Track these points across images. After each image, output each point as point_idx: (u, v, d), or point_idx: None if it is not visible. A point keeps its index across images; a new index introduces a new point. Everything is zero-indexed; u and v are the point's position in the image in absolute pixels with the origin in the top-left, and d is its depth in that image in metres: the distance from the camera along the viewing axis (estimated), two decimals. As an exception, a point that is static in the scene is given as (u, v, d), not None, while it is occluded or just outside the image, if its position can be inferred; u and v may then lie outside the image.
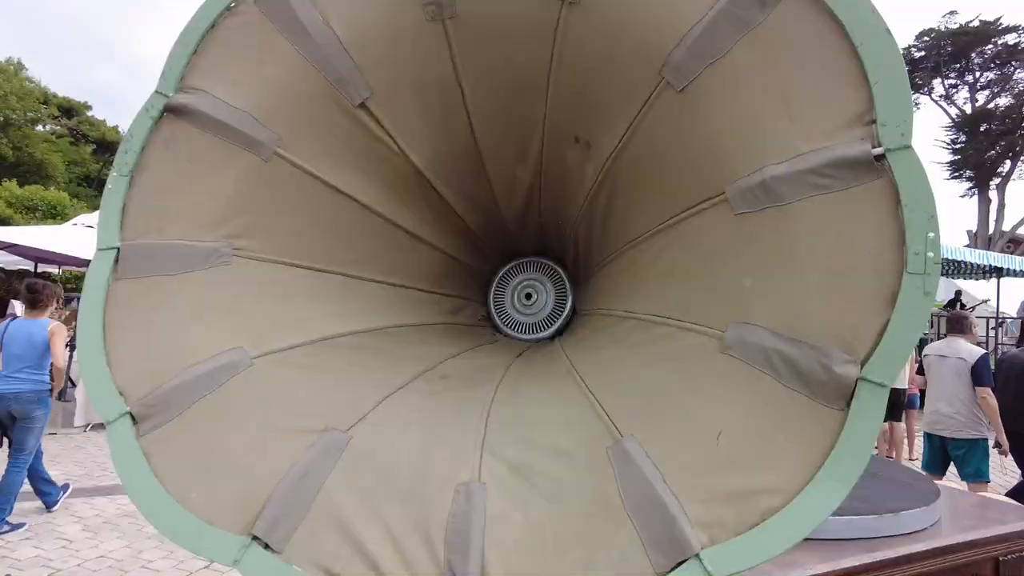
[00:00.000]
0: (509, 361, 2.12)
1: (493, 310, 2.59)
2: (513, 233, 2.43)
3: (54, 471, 5.37)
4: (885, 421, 6.72)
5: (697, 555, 1.28)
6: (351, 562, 1.40)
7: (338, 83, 1.90)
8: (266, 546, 1.43)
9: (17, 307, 9.75)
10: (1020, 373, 5.11)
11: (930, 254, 1.34)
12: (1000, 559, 2.13)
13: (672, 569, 1.29)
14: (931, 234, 1.35)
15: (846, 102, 1.43)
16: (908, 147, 1.38)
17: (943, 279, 15.20)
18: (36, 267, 8.77)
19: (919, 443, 6.51)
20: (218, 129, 1.86)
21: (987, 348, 12.57)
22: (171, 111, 1.87)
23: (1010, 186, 24.69)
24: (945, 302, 13.75)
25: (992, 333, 13.36)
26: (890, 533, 1.92)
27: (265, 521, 1.44)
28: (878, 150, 1.38)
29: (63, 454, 6.15)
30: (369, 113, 1.95)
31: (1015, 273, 13.13)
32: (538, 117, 1.97)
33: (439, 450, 1.59)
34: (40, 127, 28.16)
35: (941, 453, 5.17)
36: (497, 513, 1.44)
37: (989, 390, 4.51)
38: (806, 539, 1.86)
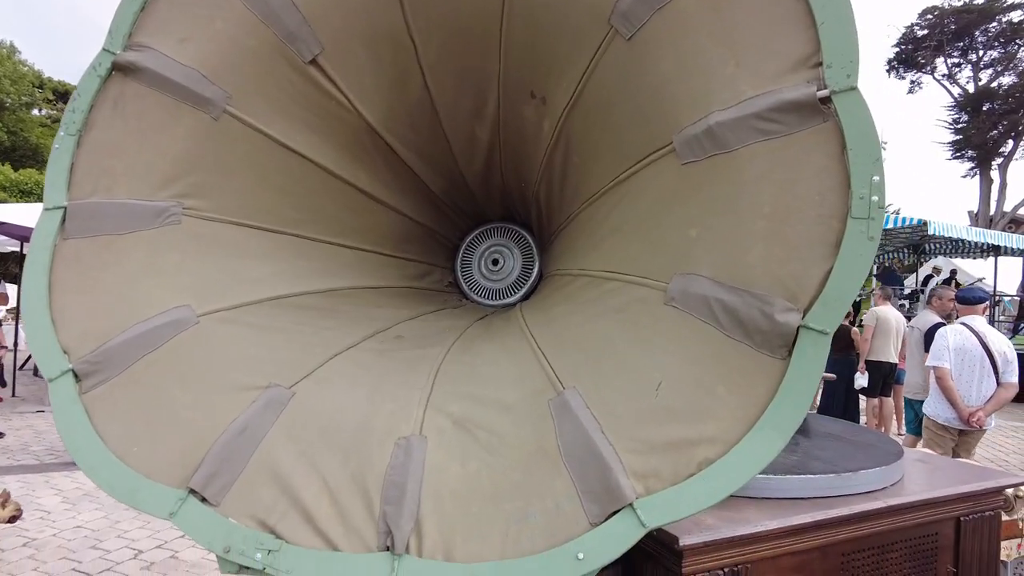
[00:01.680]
0: (468, 324, 2.09)
1: (460, 276, 2.56)
2: (478, 197, 2.40)
3: (39, 447, 5.43)
4: (875, 396, 6.71)
5: (631, 505, 1.26)
6: (287, 514, 1.38)
7: (288, 38, 1.85)
8: (203, 499, 1.42)
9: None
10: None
11: (874, 198, 1.31)
12: (961, 519, 2.11)
13: (606, 519, 1.27)
14: (876, 177, 1.31)
15: (793, 45, 1.39)
16: (854, 89, 1.34)
17: (941, 258, 15.14)
18: (22, 247, 8.70)
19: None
20: (166, 87, 1.82)
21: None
22: (119, 69, 1.83)
23: (1012, 166, 24.47)
24: (941, 280, 13.69)
25: (991, 312, 13.32)
26: (847, 492, 1.90)
27: (202, 475, 1.43)
28: (823, 92, 1.34)
29: (49, 430, 6.18)
30: (320, 69, 1.91)
31: (1013, 252, 13.05)
32: (493, 72, 1.93)
33: (384, 406, 1.57)
34: (35, 111, 27.98)
35: (919, 417, 5.21)
36: (436, 465, 1.42)
37: (928, 356, 4.60)
38: (761, 498, 1.86)
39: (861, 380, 6.43)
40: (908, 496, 1.97)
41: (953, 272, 14.51)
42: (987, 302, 4.45)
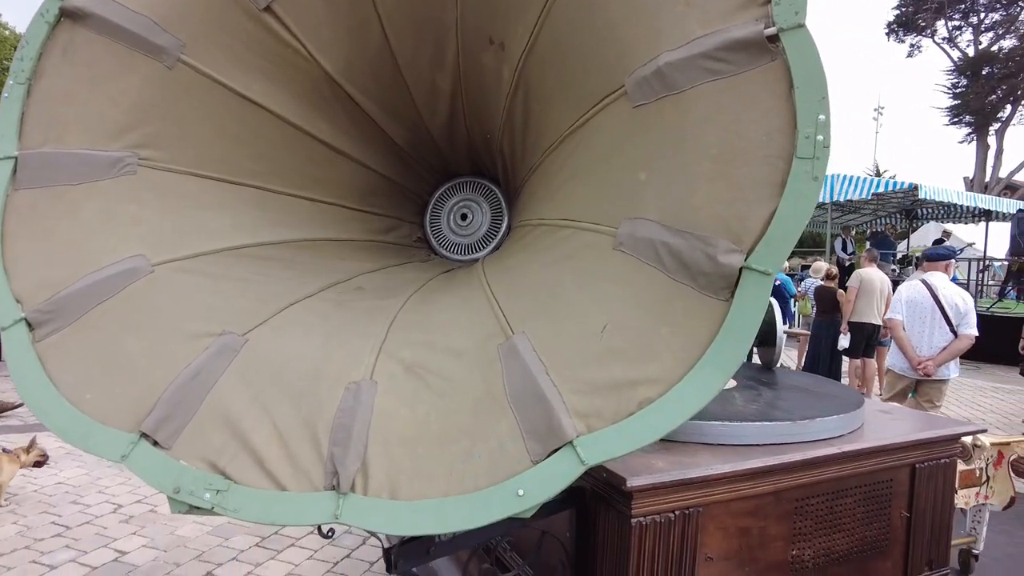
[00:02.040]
0: (432, 277, 2.09)
1: (429, 231, 2.55)
2: (444, 150, 2.37)
3: (25, 408, 5.47)
4: (857, 357, 6.77)
5: (571, 443, 1.28)
6: (236, 457, 1.40)
7: (240, -17, 1.81)
8: (155, 443, 1.44)
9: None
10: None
11: (820, 137, 1.30)
12: (916, 466, 2.15)
13: (547, 457, 1.29)
14: (822, 116, 1.30)
15: (742, -19, 1.36)
16: (802, 26, 1.31)
17: (932, 223, 15.14)
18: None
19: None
20: (117, 34, 1.78)
21: (972, 291, 12.61)
22: (67, 15, 1.79)
23: (1009, 131, 24.29)
24: (932, 242, 13.73)
25: (978, 276, 13.38)
26: (803, 439, 1.92)
27: (154, 419, 1.44)
28: (771, 30, 1.32)
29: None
30: (275, 16, 1.87)
31: (1004, 217, 13.04)
32: (451, 20, 1.89)
33: (337, 352, 1.58)
34: (20, 76, 27.48)
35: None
36: (385, 409, 1.44)
37: (888, 314, 4.82)
38: (716, 444, 1.88)
39: (844, 341, 6.48)
40: (863, 443, 2.00)
41: (945, 234, 14.53)
42: (951, 259, 4.58)
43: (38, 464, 3.42)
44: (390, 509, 1.30)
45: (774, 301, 2.76)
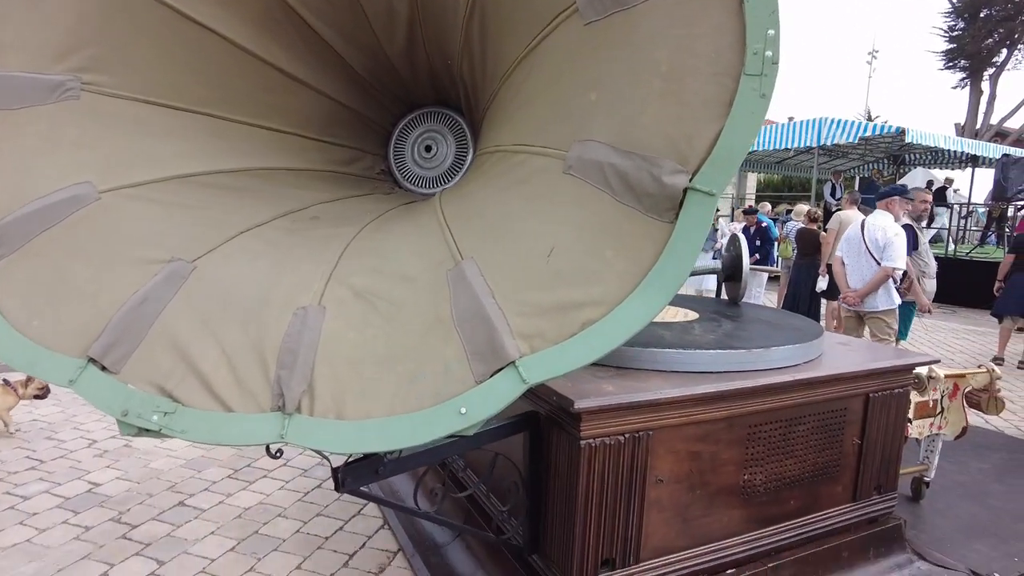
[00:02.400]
0: (391, 207, 2.06)
1: (393, 164, 2.50)
2: (406, 79, 2.30)
3: None
4: (834, 299, 6.83)
5: (514, 363, 1.29)
6: (184, 380, 1.40)
7: None
8: (103, 368, 1.43)
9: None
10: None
11: (768, 53, 1.26)
12: (870, 395, 2.20)
13: (491, 376, 1.30)
14: (771, 31, 1.26)
15: None
16: (755, -65, 1.27)
17: (920, 169, 15.09)
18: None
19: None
20: None
21: (955, 237, 12.70)
22: (-2, -71, 1.69)
23: (1003, 78, 23.97)
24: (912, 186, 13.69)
25: (959, 223, 13.44)
26: (757, 367, 1.95)
27: (101, 344, 1.43)
28: (723, -61, 1.27)
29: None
30: (219, -70, 1.78)
31: (990, 163, 13.00)
32: (404, -67, 1.80)
33: (286, 278, 1.57)
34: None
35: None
36: (333, 333, 1.44)
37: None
38: (670, 371, 1.91)
39: (822, 283, 6.53)
40: (818, 372, 2.04)
41: (930, 183, 14.51)
42: (897, 196, 4.71)
43: (39, 396, 3.44)
44: (335, 428, 1.31)
45: (742, 237, 2.76)
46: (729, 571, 1.99)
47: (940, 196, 13.33)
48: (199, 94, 1.93)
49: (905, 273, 4.56)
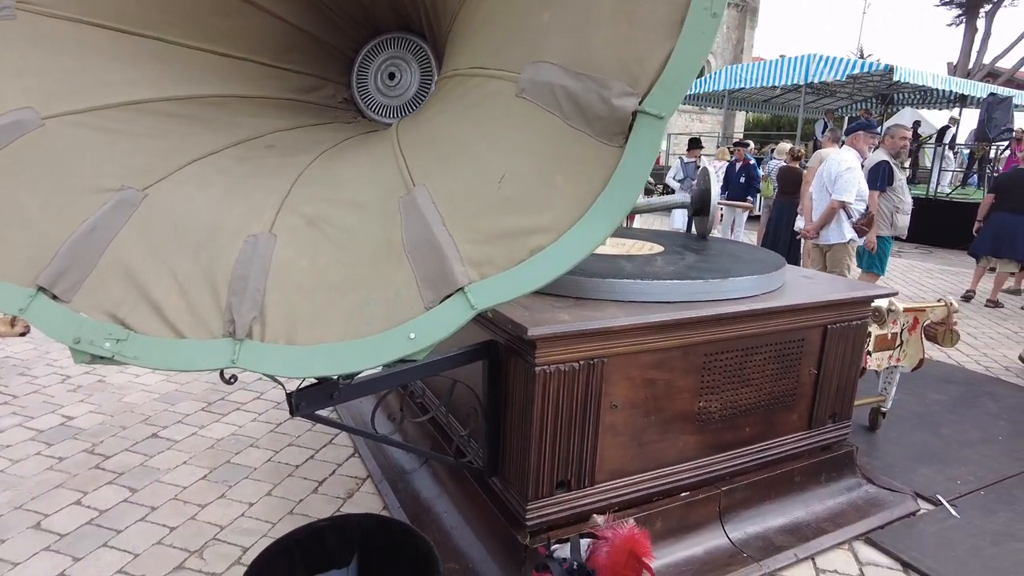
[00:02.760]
0: (349, 136, 2.02)
1: (356, 92, 2.43)
2: (365, 1, 2.22)
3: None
4: (812, 239, 6.88)
5: (462, 289, 1.30)
6: (136, 307, 1.40)
7: None
8: (54, 297, 1.43)
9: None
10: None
11: (721, -29, 1.23)
12: (828, 327, 2.25)
13: (440, 302, 1.31)
14: (724, -52, 1.23)
15: None
16: None
17: (908, 108, 14.96)
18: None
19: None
20: None
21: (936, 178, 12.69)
22: None
23: (999, 15, 23.49)
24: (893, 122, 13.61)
25: (942, 163, 13.42)
26: (714, 297, 1.98)
27: (51, 273, 1.42)
28: None
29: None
30: None
31: (978, 103, 12.89)
32: None
33: (237, 207, 1.55)
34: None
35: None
36: (284, 261, 1.43)
37: None
38: (627, 301, 1.93)
39: (800, 222, 6.55)
40: (775, 302, 2.08)
41: (916, 124, 14.41)
42: (861, 131, 4.81)
43: (23, 334, 3.41)
44: (286, 353, 1.33)
45: (711, 170, 2.75)
46: (683, 494, 2.08)
47: (940, 136, 13.24)
48: (146, 17, 1.85)
49: (868, 208, 4.58)
